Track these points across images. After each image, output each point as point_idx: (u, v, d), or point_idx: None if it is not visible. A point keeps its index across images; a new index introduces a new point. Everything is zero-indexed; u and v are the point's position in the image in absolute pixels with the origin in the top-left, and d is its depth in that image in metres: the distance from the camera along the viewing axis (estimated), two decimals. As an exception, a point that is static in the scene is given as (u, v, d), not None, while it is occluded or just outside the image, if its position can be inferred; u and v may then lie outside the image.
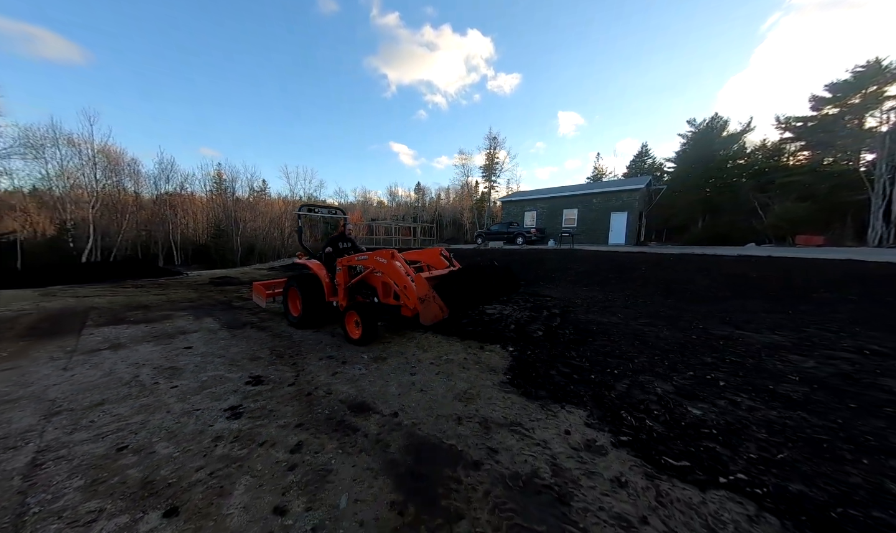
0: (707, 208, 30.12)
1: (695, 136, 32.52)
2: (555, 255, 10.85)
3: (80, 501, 1.49)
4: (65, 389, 2.69)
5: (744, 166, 29.62)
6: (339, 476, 1.69)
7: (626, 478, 1.72)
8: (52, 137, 25.19)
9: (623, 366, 3.11)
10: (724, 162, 30.33)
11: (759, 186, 25.47)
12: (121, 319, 5.15)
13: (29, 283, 9.95)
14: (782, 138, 26.67)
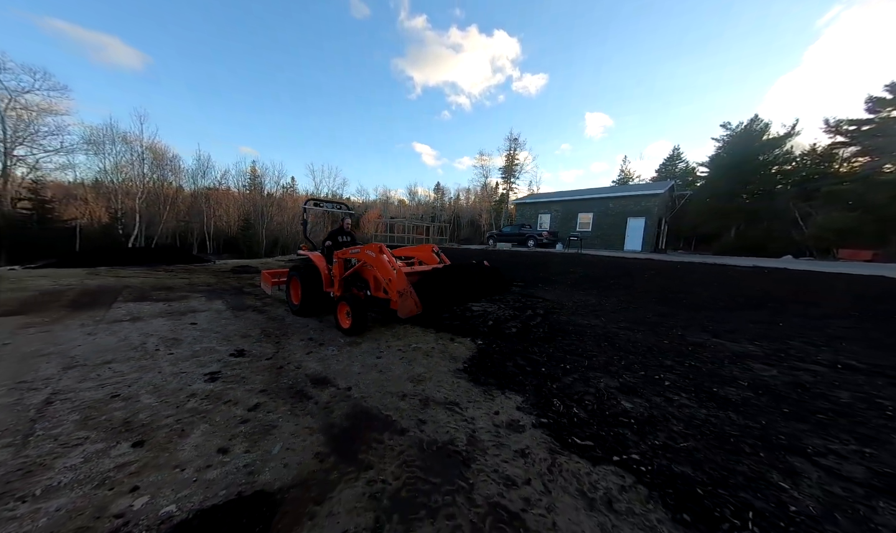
0: (743, 216, 28.41)
1: (731, 140, 30.76)
2: (560, 258, 10.82)
3: (73, 430, 1.89)
4: (85, 350, 3.19)
5: (788, 173, 27.68)
6: (281, 431, 2.00)
7: (530, 451, 1.91)
8: (109, 135, 27.90)
9: (579, 363, 3.24)
10: (763, 167, 28.50)
11: (802, 194, 23.78)
12: (146, 297, 5.80)
13: (81, 263, 11.20)
14: (833, 143, 24.71)
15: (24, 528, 1.28)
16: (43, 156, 26.99)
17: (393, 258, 3.76)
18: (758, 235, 24.88)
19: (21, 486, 1.49)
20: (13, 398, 2.24)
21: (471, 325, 4.47)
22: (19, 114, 25.51)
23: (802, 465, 1.82)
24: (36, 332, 3.73)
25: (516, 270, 10.11)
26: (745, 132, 29.70)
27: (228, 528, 1.33)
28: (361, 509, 1.45)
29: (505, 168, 37.70)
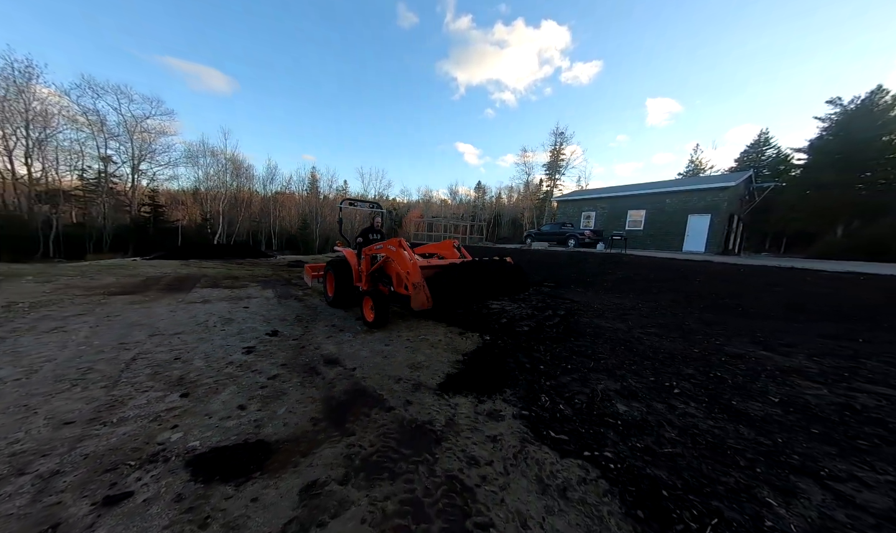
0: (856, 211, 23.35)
1: (842, 118, 25.45)
2: (599, 259, 10.16)
3: (144, 380, 2.47)
4: (166, 323, 4.00)
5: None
6: (289, 397, 2.36)
7: (502, 438, 1.99)
8: (202, 150, 33.22)
9: (583, 364, 3.16)
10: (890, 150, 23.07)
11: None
12: (217, 284, 6.92)
13: (180, 256, 13.62)
14: None
15: (101, 443, 1.76)
16: (157, 169, 33.10)
17: (412, 252, 3.94)
18: (880, 234, 20.31)
19: (105, 415, 2.02)
20: (114, 355, 2.95)
21: (484, 321, 4.56)
22: (142, 136, 31.67)
23: (808, 486, 1.64)
24: (138, 307, 4.74)
25: (550, 270, 9.80)
26: (864, 108, 24.37)
27: (232, 462, 1.67)
28: (336, 465, 1.70)
29: (549, 164, 36.13)
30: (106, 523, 1.29)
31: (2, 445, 1.72)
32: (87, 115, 29.27)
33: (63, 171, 29.99)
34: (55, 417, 1.98)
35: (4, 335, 3.36)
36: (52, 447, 1.71)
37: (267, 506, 1.42)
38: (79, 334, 3.47)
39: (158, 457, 1.67)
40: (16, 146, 27.26)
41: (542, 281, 8.69)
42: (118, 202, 31.82)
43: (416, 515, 1.43)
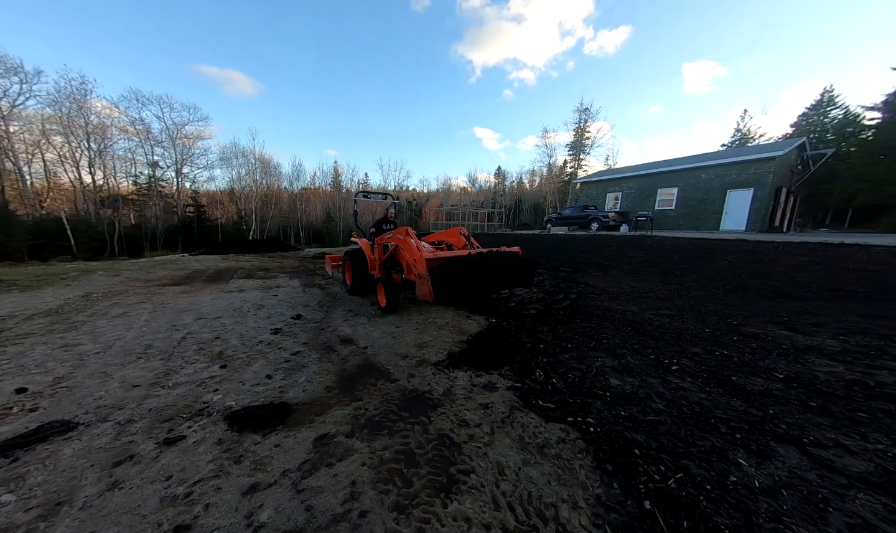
0: None
1: None
2: (621, 242, 9.83)
3: (192, 355, 2.91)
4: (209, 309, 4.55)
5: None
6: (309, 370, 2.69)
7: (493, 405, 2.19)
8: (234, 151, 35.31)
9: (584, 343, 3.25)
10: None
11: None
12: (251, 276, 7.59)
13: (220, 251, 14.90)
14: None
15: (160, 401, 2.17)
16: (197, 171, 35.76)
17: (419, 241, 4.12)
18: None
19: (163, 380, 2.45)
20: (168, 334, 3.47)
21: (492, 305, 4.71)
22: (183, 141, 34.24)
23: (785, 451, 1.69)
24: (185, 296, 5.39)
25: (568, 255, 9.65)
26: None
27: (260, 418, 2.01)
28: (344, 422, 1.99)
29: (573, 144, 34.55)
30: (167, 456, 1.65)
31: (90, 400, 2.17)
32: (135, 124, 32.03)
33: (120, 178, 33.29)
34: (126, 381, 2.44)
35: (85, 319, 4.02)
36: (125, 403, 2.14)
37: (287, 450, 1.73)
38: (140, 318, 4.06)
39: (203, 412, 2.04)
40: (81, 157, 30.60)
41: (558, 266, 8.62)
42: (167, 204, 34.90)
43: (408, 462, 1.67)
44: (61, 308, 4.49)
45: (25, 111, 26.99)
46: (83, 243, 27.44)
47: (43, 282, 6.33)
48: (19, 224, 25.39)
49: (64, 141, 29.30)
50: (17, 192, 27.98)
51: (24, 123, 27.46)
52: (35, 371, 2.57)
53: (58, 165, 30.05)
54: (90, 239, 28.32)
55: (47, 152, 29.14)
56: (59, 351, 2.99)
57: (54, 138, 28.87)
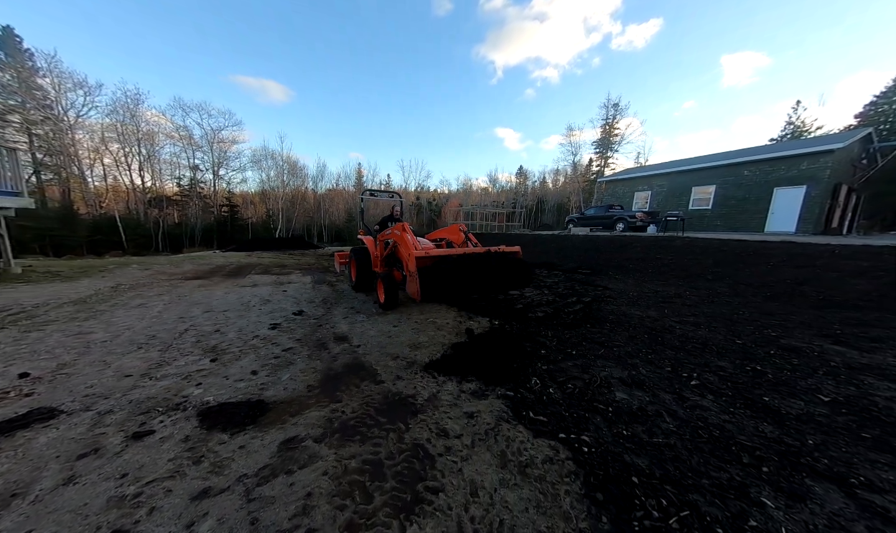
0: None
1: None
2: (648, 243, 9.16)
3: (188, 347, 2.95)
4: (219, 303, 4.67)
5: None
6: (295, 367, 2.63)
7: (478, 414, 2.00)
8: (263, 154, 37.16)
9: (591, 351, 2.96)
10: None
11: None
12: (267, 271, 7.83)
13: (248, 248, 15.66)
14: None
15: (144, 393, 2.18)
16: (231, 173, 37.96)
17: (414, 237, 4.03)
18: None
19: (153, 371, 2.48)
20: (174, 326, 3.57)
21: (498, 306, 4.47)
22: (219, 145, 36.50)
23: (825, 492, 1.38)
24: (202, 289, 5.61)
25: (589, 256, 9.16)
26: None
27: (233, 416, 1.95)
28: (316, 425, 1.88)
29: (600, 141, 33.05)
30: (130, 451, 1.61)
31: (81, 389, 2.22)
32: (179, 131, 34.52)
33: (165, 180, 36.05)
34: (120, 370, 2.49)
35: (106, 309, 4.25)
36: (112, 393, 2.17)
37: (250, 453, 1.64)
38: (154, 310, 4.23)
39: (180, 407, 2.01)
40: (132, 161, 33.43)
41: (576, 268, 8.18)
42: (205, 204, 37.34)
43: (374, 474, 1.53)
44: (90, 298, 4.79)
45: (88, 121, 29.93)
46: (132, 240, 29.93)
47: (83, 273, 6.85)
48: (81, 222, 28.18)
49: (119, 147, 32.19)
50: (80, 194, 31.07)
51: (87, 132, 30.46)
52: (44, 357, 2.69)
53: (113, 169, 33.08)
54: (138, 236, 30.86)
55: (105, 158, 32.15)
56: (73, 338, 3.13)
57: (111, 145, 31.79)
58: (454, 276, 3.65)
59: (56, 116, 27.96)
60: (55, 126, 27.81)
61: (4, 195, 5.81)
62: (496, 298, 4.91)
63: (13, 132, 26.46)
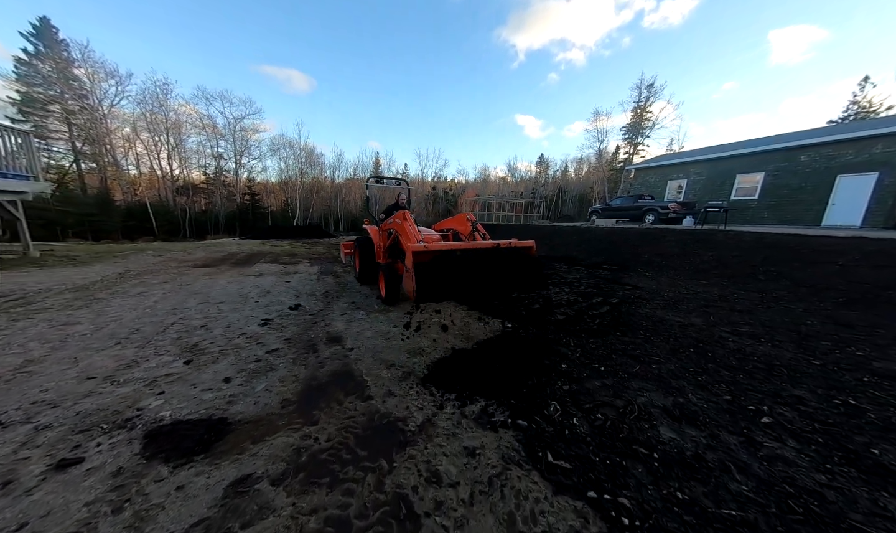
0: None
1: None
2: (684, 237, 8.26)
3: (168, 344, 2.70)
4: (218, 293, 4.47)
5: None
6: (276, 374, 2.30)
7: (482, 452, 1.58)
8: (282, 142, 37.61)
9: (625, 366, 2.45)
10: None
11: None
12: (276, 260, 7.67)
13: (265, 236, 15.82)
14: None
15: (97, 402, 1.91)
16: (252, 162, 38.76)
17: (415, 227, 3.62)
18: None
19: (119, 374, 2.22)
20: (162, 318, 3.35)
21: (513, 306, 3.99)
22: (241, 134, 37.21)
23: None
24: (206, 278, 5.46)
25: (614, 251, 8.41)
26: None
27: (185, 438, 1.62)
28: (280, 459, 1.52)
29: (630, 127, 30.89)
30: (44, 488, 1.31)
31: (35, 393, 1.97)
32: (203, 119, 35.40)
33: (192, 169, 37.31)
34: (85, 371, 2.24)
35: (105, 297, 4.12)
36: (62, 400, 1.90)
37: (188, 498, 1.30)
38: (150, 299, 4.06)
39: (129, 424, 1.71)
40: (161, 150, 34.72)
41: (600, 263, 7.50)
42: (229, 192, 38.46)
43: (336, 542, 1.15)
44: (93, 285, 4.72)
45: (120, 110, 31.17)
46: (162, 226, 31.35)
47: (98, 259, 6.93)
48: (116, 209, 29.73)
49: (149, 136, 33.45)
50: (116, 182, 32.70)
51: (120, 122, 31.78)
52: (14, 351, 2.50)
53: (144, 158, 34.52)
54: (167, 222, 32.29)
55: (137, 146, 33.56)
56: (56, 330, 2.96)
57: (142, 134, 33.07)
58: (456, 274, 3.22)
59: (91, 106, 29.27)
60: (91, 115, 29.15)
61: (20, 180, 5.85)
62: (510, 296, 4.42)
63: (54, 121, 27.98)
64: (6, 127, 5.61)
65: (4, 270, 5.28)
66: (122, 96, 30.63)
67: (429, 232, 4.55)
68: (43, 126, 27.94)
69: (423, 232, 4.40)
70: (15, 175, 5.76)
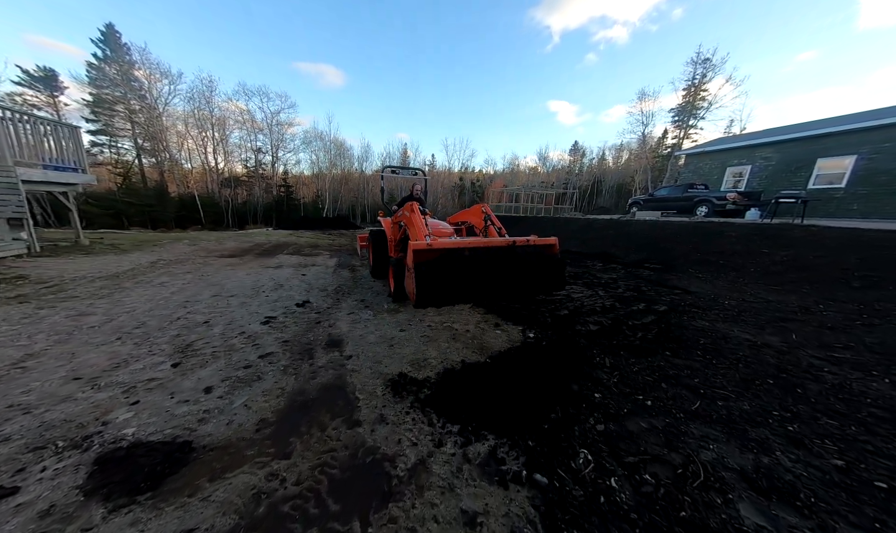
0: None
1: None
2: (749, 232, 7.07)
3: (164, 343, 2.58)
4: (234, 285, 4.43)
5: None
6: (260, 385, 2.05)
7: (486, 519, 1.19)
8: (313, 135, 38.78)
9: (678, 401, 1.92)
10: None
11: None
12: (298, 252, 7.69)
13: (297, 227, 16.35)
14: None
15: (68, 409, 1.76)
16: (287, 155, 40.41)
17: (422, 220, 3.25)
18: None
19: (104, 376, 2.09)
20: (170, 312, 3.29)
21: (536, 310, 3.50)
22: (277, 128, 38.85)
23: None
24: (227, 269, 5.51)
25: (658, 248, 7.48)
26: None
27: (138, 467, 1.40)
28: (232, 508, 1.24)
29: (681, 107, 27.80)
30: (-37, 526, 1.13)
31: (17, 393, 1.88)
32: (244, 115, 37.34)
33: (234, 162, 39.71)
34: (76, 370, 2.15)
35: (130, 286, 4.22)
36: (38, 405, 1.78)
37: (111, 555, 1.05)
38: (168, 290, 4.09)
39: (86, 442, 1.53)
40: (208, 144, 37.24)
41: (641, 261, 6.67)
42: (266, 185, 40.53)
43: None
44: (124, 273, 4.89)
45: (173, 109, 33.70)
46: (209, 216, 33.80)
47: (138, 247, 7.34)
48: (171, 200, 32.49)
49: (199, 132, 35.96)
50: (171, 175, 35.69)
51: (174, 119, 34.41)
52: (22, 343, 2.49)
53: (194, 152, 37.24)
54: (213, 213, 34.75)
55: (188, 141, 36.24)
56: (70, 320, 2.97)
57: (191, 129, 35.61)
58: (463, 275, 2.85)
59: (150, 105, 31.90)
60: (149, 114, 31.78)
61: (70, 172, 6.26)
62: (533, 298, 3.92)
63: (120, 120, 30.92)
64: (56, 122, 5.99)
65: (56, 257, 5.67)
66: (174, 95, 32.99)
67: (441, 225, 4.18)
68: (111, 125, 30.92)
69: (436, 225, 4.05)
70: (65, 168, 6.16)
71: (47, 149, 5.88)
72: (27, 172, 5.34)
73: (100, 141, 30.84)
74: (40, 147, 5.74)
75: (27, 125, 5.44)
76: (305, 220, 19.64)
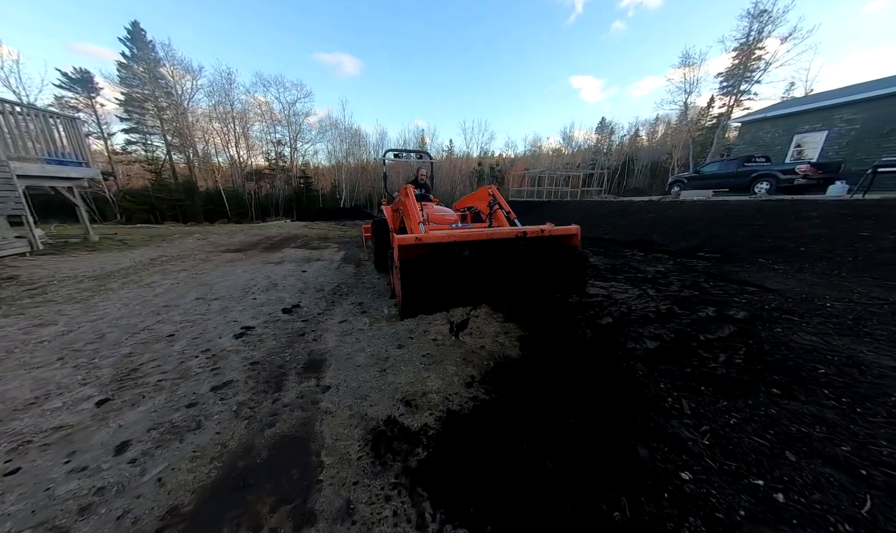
0: None
1: None
2: (831, 211, 5.76)
3: (107, 366, 2.11)
4: (224, 286, 3.99)
5: None
6: (197, 438, 1.50)
7: None
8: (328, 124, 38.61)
9: (833, 496, 1.17)
10: None
11: None
12: (306, 245, 7.27)
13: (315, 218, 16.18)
14: None
15: None
16: (304, 146, 40.63)
17: (416, 206, 2.64)
18: None
19: (6, 418, 1.62)
20: (140, 320, 2.86)
21: (568, 316, 2.75)
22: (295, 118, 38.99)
23: None
24: (225, 266, 5.13)
25: (712, 233, 6.36)
26: None
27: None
28: None
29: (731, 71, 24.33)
30: None
31: None
32: (262, 107, 37.70)
33: (256, 155, 40.48)
34: (-17, 407, 1.70)
35: (116, 287, 3.88)
36: None
37: None
38: (152, 292, 3.70)
39: None
40: (230, 138, 38.08)
41: (693, 249, 5.64)
42: (287, 177, 41.10)
43: None
44: (117, 272, 4.61)
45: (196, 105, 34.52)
46: (234, 209, 34.83)
47: (147, 243, 7.20)
48: (199, 194, 33.70)
49: (221, 126, 36.77)
50: (199, 170, 36.94)
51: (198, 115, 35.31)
52: (-51, 365, 2.10)
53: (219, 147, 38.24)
54: (238, 206, 35.75)
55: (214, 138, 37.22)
56: (21, 333, 2.59)
57: (214, 124, 36.46)
58: (462, 274, 2.29)
59: (176, 102, 32.80)
60: (176, 110, 32.73)
61: (72, 166, 6.08)
62: (566, 299, 3.16)
63: (150, 118, 32.07)
64: (53, 113, 5.77)
65: (59, 255, 5.53)
66: (196, 90, 33.71)
67: (444, 212, 3.55)
68: (143, 123, 32.15)
69: (439, 212, 3.41)
70: (67, 162, 5.97)
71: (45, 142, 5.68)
72: (23, 167, 5.15)
73: (133, 139, 32.21)
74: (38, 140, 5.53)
75: (20, 117, 5.22)
76: (321, 211, 19.53)
